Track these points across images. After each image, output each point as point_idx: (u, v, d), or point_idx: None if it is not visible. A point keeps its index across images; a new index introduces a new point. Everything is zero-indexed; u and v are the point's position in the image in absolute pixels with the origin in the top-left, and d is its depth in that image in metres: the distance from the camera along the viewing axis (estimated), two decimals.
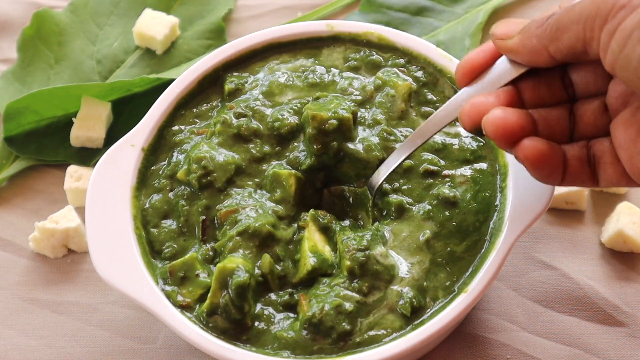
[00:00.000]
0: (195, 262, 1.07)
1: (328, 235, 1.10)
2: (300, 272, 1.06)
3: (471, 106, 0.97)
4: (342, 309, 1.03)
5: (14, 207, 1.28)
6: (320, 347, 1.03)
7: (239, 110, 1.15)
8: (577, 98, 0.99)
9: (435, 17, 1.40)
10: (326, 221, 1.10)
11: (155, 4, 1.43)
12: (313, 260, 1.06)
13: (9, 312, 1.19)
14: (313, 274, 1.06)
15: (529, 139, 0.94)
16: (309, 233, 1.09)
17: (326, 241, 1.09)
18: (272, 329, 1.05)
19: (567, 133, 0.98)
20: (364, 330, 1.03)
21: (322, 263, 1.07)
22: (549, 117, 0.97)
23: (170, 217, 1.11)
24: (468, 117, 0.97)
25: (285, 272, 1.07)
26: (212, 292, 1.03)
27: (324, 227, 1.10)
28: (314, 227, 1.09)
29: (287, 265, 1.08)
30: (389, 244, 1.07)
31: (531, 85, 0.98)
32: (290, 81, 1.18)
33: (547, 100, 0.98)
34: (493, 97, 0.97)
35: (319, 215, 1.10)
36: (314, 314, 1.03)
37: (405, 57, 1.19)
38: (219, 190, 1.11)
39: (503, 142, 0.95)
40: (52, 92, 1.29)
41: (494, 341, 1.14)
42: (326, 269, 1.07)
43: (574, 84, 0.99)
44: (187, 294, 1.06)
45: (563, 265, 1.19)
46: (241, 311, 1.03)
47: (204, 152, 1.11)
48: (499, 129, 0.94)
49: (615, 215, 1.20)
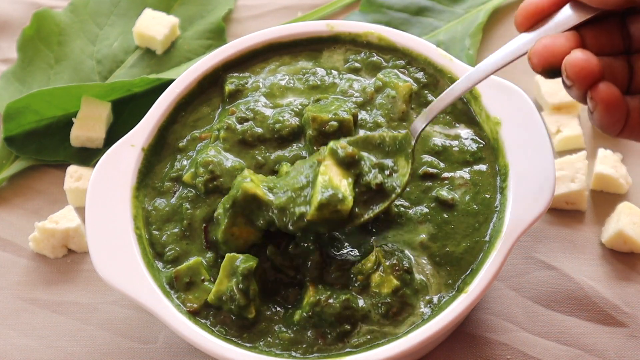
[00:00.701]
0: (200, 267, 1.07)
1: (351, 170, 1.04)
2: (312, 209, 1.02)
3: (543, 46, 0.96)
4: (348, 305, 1.03)
5: (14, 207, 1.28)
6: (320, 347, 1.03)
7: (240, 114, 1.15)
8: (633, 51, 0.99)
9: (435, 17, 1.40)
10: (345, 154, 1.04)
11: (155, 4, 1.43)
12: (325, 193, 1.02)
13: (9, 312, 1.19)
14: (325, 210, 1.02)
15: (604, 83, 0.94)
16: (325, 168, 1.04)
17: (346, 175, 1.04)
18: (273, 327, 1.05)
19: (626, 85, 0.98)
20: (363, 333, 1.03)
21: (332, 198, 1.02)
22: (612, 66, 0.97)
23: (173, 220, 1.11)
24: (539, 57, 0.96)
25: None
26: (219, 280, 1.04)
27: (345, 162, 1.05)
28: (332, 161, 1.04)
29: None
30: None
31: (593, 32, 0.98)
32: (291, 83, 1.18)
33: (607, 49, 0.98)
34: (564, 39, 0.96)
35: (339, 147, 1.05)
36: (320, 300, 1.02)
37: (405, 58, 1.19)
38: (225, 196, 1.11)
39: (582, 84, 0.94)
40: (52, 92, 1.29)
41: (494, 341, 1.14)
42: (337, 203, 1.02)
43: (631, 37, 0.99)
44: (193, 300, 1.06)
45: (563, 266, 1.19)
46: (246, 296, 1.03)
47: (211, 156, 1.11)
48: (583, 70, 0.93)
49: (615, 215, 1.20)
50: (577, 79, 0.94)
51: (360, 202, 1.05)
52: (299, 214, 1.02)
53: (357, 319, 1.04)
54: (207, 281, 1.06)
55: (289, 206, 1.03)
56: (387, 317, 1.03)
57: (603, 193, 1.25)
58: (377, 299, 1.04)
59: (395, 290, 1.03)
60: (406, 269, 1.04)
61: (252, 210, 1.04)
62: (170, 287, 1.07)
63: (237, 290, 1.03)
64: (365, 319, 1.04)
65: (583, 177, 1.22)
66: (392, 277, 1.04)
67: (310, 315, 1.03)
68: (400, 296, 1.03)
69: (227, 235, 1.05)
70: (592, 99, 0.94)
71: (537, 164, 1.09)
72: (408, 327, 1.03)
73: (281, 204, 1.03)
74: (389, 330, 1.03)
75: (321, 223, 1.02)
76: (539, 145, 1.09)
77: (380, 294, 1.04)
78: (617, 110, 0.94)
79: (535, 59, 0.96)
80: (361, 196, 1.05)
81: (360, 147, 1.07)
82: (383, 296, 1.04)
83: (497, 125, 1.12)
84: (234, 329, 1.05)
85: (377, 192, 1.06)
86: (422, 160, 1.12)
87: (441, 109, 1.04)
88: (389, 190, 1.06)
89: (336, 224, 1.03)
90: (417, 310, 1.04)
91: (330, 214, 1.02)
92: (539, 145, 1.09)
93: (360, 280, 1.04)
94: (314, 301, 1.03)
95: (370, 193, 1.06)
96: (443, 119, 1.15)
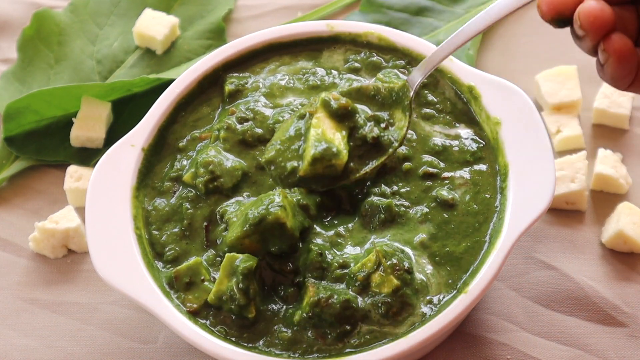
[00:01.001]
0: (200, 267, 1.07)
1: (345, 122, 1.03)
2: (305, 164, 1.00)
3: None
4: (348, 305, 1.03)
5: (14, 207, 1.28)
6: (319, 347, 1.03)
7: (240, 114, 1.15)
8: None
9: (435, 17, 1.40)
10: (338, 106, 1.02)
11: (155, 4, 1.43)
12: (319, 147, 1.00)
13: (9, 312, 1.19)
14: (318, 164, 1.00)
15: (617, 34, 0.93)
16: (318, 120, 1.03)
17: (339, 128, 1.03)
18: (273, 327, 1.05)
19: (635, 35, 0.97)
20: (363, 333, 1.03)
21: (326, 152, 1.00)
22: (622, 17, 0.96)
23: (172, 220, 1.11)
24: (549, 5, 0.95)
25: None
26: (219, 280, 1.04)
27: (338, 114, 1.03)
28: (324, 114, 1.03)
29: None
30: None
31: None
32: (291, 83, 1.18)
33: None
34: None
35: (332, 98, 1.03)
36: (320, 300, 1.02)
37: (405, 59, 1.19)
38: (225, 196, 1.10)
39: (596, 33, 0.93)
40: (52, 92, 1.29)
41: (494, 341, 1.14)
42: (330, 157, 1.01)
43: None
44: (193, 300, 1.06)
45: (563, 266, 1.19)
46: (247, 295, 1.03)
47: (211, 156, 1.11)
48: (597, 20, 0.92)
49: (615, 215, 1.20)
50: (590, 29, 0.92)
51: (355, 156, 1.02)
52: (291, 169, 1.00)
53: (357, 319, 1.03)
54: (207, 281, 1.06)
55: (278, 160, 1.01)
56: (387, 317, 1.03)
57: (603, 193, 1.25)
58: (377, 298, 1.04)
59: (396, 290, 1.03)
60: (406, 269, 1.04)
61: (272, 234, 1.04)
62: (170, 287, 1.07)
63: (237, 289, 1.03)
64: (366, 319, 1.04)
65: (583, 177, 1.22)
66: (392, 277, 1.03)
67: (311, 315, 1.03)
68: (400, 296, 1.03)
69: (237, 243, 1.05)
70: (604, 51, 0.93)
71: (537, 164, 1.09)
72: (408, 327, 1.03)
73: (270, 158, 1.01)
74: (389, 330, 1.03)
75: (315, 179, 1.00)
76: (539, 145, 1.09)
77: (381, 294, 1.04)
78: (630, 62, 0.93)
79: (544, 6, 0.95)
80: (356, 150, 1.02)
81: (354, 99, 1.04)
82: (383, 296, 1.04)
83: (497, 125, 1.12)
84: (234, 328, 1.05)
85: (374, 146, 1.03)
86: (422, 160, 1.12)
87: (442, 58, 1.02)
88: (386, 145, 1.04)
89: (330, 180, 1.01)
90: (417, 310, 1.04)
91: (324, 169, 1.00)
92: (539, 145, 1.09)
93: (360, 280, 1.04)
94: (314, 301, 1.03)
95: (365, 147, 1.04)
96: (443, 118, 1.15)
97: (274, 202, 1.04)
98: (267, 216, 1.03)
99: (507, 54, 1.38)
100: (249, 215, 1.04)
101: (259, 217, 1.03)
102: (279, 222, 1.03)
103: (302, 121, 1.04)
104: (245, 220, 1.04)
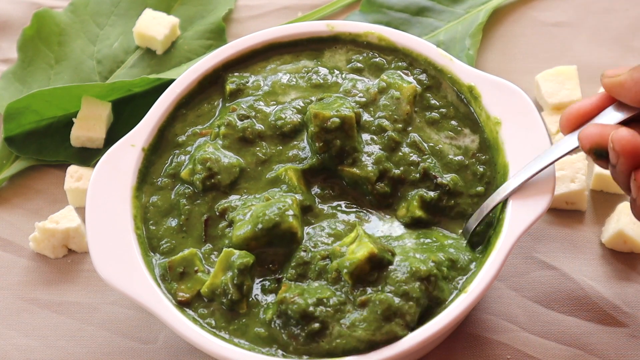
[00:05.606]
0: (194, 258, 1.07)
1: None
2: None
3: (593, 126, 1.00)
4: (320, 302, 1.01)
5: (14, 207, 1.28)
6: (295, 348, 1.01)
7: (241, 112, 1.15)
8: None
9: (435, 17, 1.40)
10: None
11: (156, 4, 1.43)
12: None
13: (9, 312, 1.19)
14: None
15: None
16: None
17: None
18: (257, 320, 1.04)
19: None
20: (335, 336, 1.01)
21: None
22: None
23: (170, 215, 1.11)
24: (588, 137, 1.00)
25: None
26: (214, 273, 1.04)
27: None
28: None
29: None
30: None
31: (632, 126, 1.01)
32: (293, 81, 1.18)
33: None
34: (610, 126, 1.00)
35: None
36: (285, 297, 1.01)
37: (407, 60, 1.19)
38: (223, 193, 1.11)
39: (630, 160, 0.97)
40: (52, 92, 1.29)
41: (494, 341, 1.14)
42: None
43: None
44: (185, 290, 1.06)
45: (563, 266, 1.19)
46: (240, 291, 1.03)
47: (209, 153, 1.11)
48: (629, 144, 0.97)
49: (615, 215, 1.20)
50: (622, 152, 0.97)
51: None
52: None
53: (329, 316, 1.01)
54: (201, 272, 1.06)
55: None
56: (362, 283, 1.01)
57: (603, 193, 1.25)
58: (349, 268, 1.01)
59: (371, 257, 1.01)
60: (389, 249, 1.04)
61: (281, 240, 1.05)
62: (162, 279, 1.07)
63: (231, 284, 1.03)
64: (339, 312, 1.01)
65: (583, 177, 1.22)
66: (368, 243, 1.02)
67: (278, 314, 1.03)
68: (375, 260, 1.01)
69: (243, 243, 1.06)
70: (635, 181, 0.97)
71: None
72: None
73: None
74: (361, 335, 1.01)
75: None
76: (539, 145, 1.09)
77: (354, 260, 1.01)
78: None
79: (584, 140, 1.00)
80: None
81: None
82: (356, 261, 1.01)
83: (497, 125, 1.12)
84: (223, 322, 1.04)
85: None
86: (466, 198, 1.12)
87: (491, 208, 1.06)
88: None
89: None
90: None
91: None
92: (539, 145, 1.10)
93: (335, 268, 1.02)
94: (280, 299, 1.02)
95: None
96: (448, 124, 1.15)
97: (288, 209, 1.05)
98: (282, 223, 1.05)
99: (507, 54, 1.38)
100: (265, 218, 1.05)
101: (273, 223, 1.05)
102: (291, 231, 1.05)
103: None
104: (257, 222, 1.05)
